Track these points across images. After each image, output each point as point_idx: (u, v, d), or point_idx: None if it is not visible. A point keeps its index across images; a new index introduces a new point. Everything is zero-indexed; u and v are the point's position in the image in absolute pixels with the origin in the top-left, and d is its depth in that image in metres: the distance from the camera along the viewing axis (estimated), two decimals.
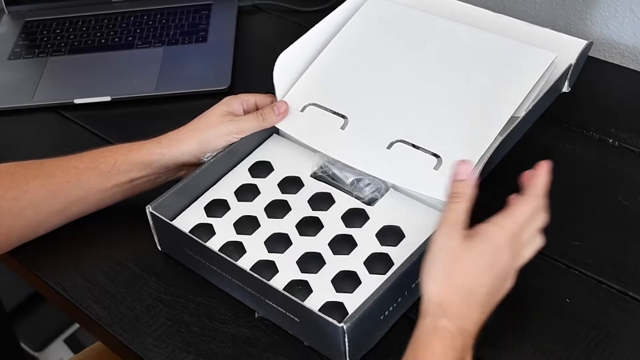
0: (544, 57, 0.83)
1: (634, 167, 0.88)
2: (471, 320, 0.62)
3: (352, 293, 0.73)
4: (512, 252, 0.64)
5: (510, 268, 0.65)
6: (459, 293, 0.62)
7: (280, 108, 0.87)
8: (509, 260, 0.64)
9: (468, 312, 0.62)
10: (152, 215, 0.78)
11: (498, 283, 0.64)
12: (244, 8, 1.23)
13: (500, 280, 0.64)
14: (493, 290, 0.64)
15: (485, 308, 0.64)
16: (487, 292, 0.63)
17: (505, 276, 0.64)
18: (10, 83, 1.12)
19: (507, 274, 0.64)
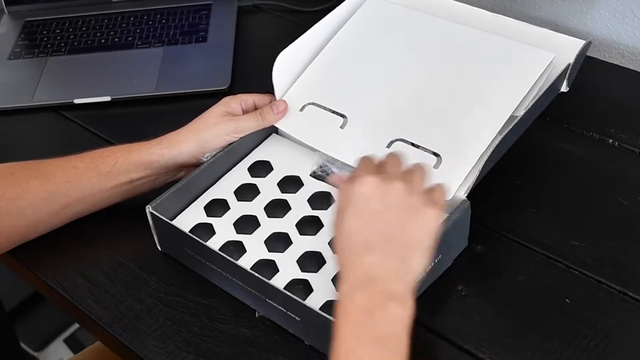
0: (542, 57, 0.83)
1: (633, 167, 0.88)
2: (374, 263, 0.62)
3: None
4: (384, 181, 0.65)
5: (374, 203, 0.65)
6: (353, 246, 0.64)
7: (279, 107, 0.87)
8: (387, 190, 0.65)
9: (367, 258, 0.62)
10: (152, 215, 0.78)
11: (392, 217, 0.64)
12: (244, 8, 1.23)
13: (393, 209, 0.64)
14: (387, 224, 0.64)
15: (390, 244, 0.63)
16: (377, 230, 0.64)
17: (375, 212, 0.64)
18: (10, 83, 1.12)
19: (374, 210, 0.65)
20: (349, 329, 0.59)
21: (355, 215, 0.65)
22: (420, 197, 0.65)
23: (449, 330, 0.73)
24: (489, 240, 0.81)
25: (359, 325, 0.59)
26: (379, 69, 0.88)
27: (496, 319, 0.74)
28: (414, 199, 0.65)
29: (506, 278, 0.77)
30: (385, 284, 0.61)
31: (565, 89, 0.88)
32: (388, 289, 0.61)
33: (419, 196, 0.65)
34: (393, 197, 0.65)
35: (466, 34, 0.88)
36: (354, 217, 0.65)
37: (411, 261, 0.63)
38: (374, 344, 0.58)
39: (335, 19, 0.94)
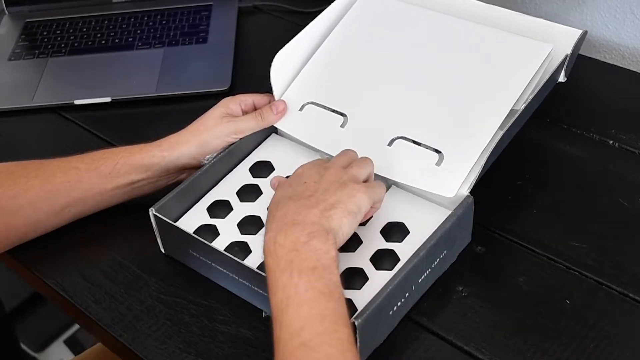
0: (540, 49, 0.83)
1: (634, 168, 0.88)
2: (284, 217, 0.67)
3: (360, 289, 0.73)
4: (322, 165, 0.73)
5: None
6: (277, 204, 0.70)
7: (279, 107, 0.87)
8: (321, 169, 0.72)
9: (288, 205, 0.68)
10: (156, 217, 0.78)
11: (317, 184, 0.70)
12: (244, 9, 1.23)
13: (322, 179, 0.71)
14: (311, 184, 0.70)
15: (301, 202, 0.68)
16: (302, 189, 0.70)
17: None
18: (11, 84, 1.12)
19: None
20: (279, 268, 0.63)
21: (287, 185, 0.72)
22: (353, 179, 0.71)
23: (450, 331, 0.73)
24: (490, 241, 0.81)
25: (287, 261, 0.63)
26: (377, 66, 0.88)
27: (496, 319, 0.74)
28: (345, 178, 0.71)
29: (506, 279, 0.77)
30: (306, 225, 0.66)
31: (563, 79, 0.88)
32: (309, 229, 0.65)
33: (351, 177, 0.71)
34: (326, 176, 0.71)
35: (463, 28, 0.88)
36: (286, 186, 0.72)
37: (332, 213, 0.67)
38: (305, 275, 0.62)
39: (331, 15, 0.94)
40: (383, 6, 0.93)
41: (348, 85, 0.88)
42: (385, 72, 0.87)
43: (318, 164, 0.74)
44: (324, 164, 0.74)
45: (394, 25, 0.91)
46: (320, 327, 0.60)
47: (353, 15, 0.93)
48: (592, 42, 1.12)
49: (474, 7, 0.92)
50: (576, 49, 0.86)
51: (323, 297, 0.62)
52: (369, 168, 0.75)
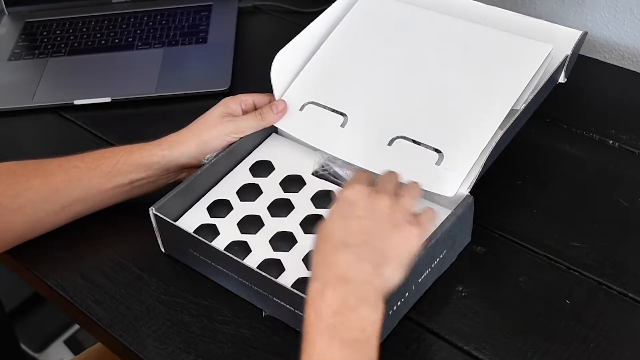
0: (540, 50, 0.83)
1: (633, 168, 0.88)
2: (349, 262, 0.62)
3: None
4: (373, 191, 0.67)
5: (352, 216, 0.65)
6: (329, 245, 0.64)
7: (279, 106, 0.87)
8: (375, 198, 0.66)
9: (342, 256, 0.62)
10: (156, 216, 0.78)
11: (372, 222, 0.65)
12: (244, 9, 1.23)
13: (377, 217, 0.65)
14: (368, 228, 0.64)
15: (367, 246, 0.63)
16: (357, 231, 0.64)
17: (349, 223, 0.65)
18: (11, 84, 1.12)
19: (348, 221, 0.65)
20: (320, 329, 0.59)
21: (338, 216, 0.66)
22: (405, 215, 0.66)
23: (450, 331, 0.73)
24: (490, 241, 0.81)
25: (330, 325, 0.59)
26: (377, 66, 0.88)
27: (496, 319, 0.74)
28: (398, 215, 0.66)
29: (506, 279, 0.77)
30: (358, 285, 0.61)
31: (563, 79, 0.88)
32: (360, 291, 0.61)
33: (404, 213, 0.66)
34: (378, 208, 0.66)
35: (463, 28, 0.88)
36: (337, 219, 0.66)
37: (385, 269, 0.63)
38: (345, 346, 0.58)
39: (331, 16, 0.94)
40: (383, 7, 0.93)
41: (348, 85, 0.88)
42: (386, 72, 0.87)
43: (368, 190, 0.67)
44: (374, 190, 0.67)
45: (395, 26, 0.91)
46: None
47: (353, 15, 0.93)
48: (592, 42, 1.12)
49: (475, 8, 0.92)
50: (576, 50, 0.87)
51: None
52: (418, 196, 0.70)
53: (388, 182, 0.70)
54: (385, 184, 0.69)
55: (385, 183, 0.70)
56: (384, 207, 0.66)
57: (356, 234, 0.64)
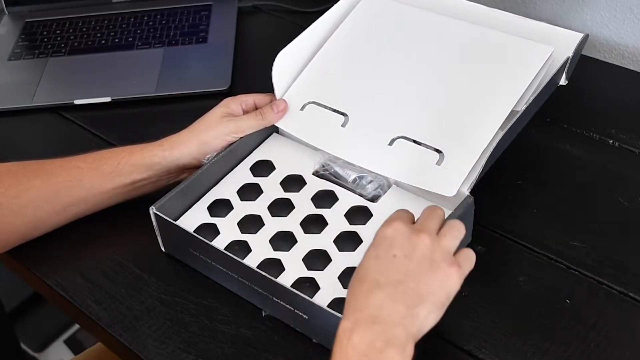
0: (541, 51, 0.83)
1: (634, 167, 0.88)
2: (380, 304, 0.60)
3: None
4: (411, 230, 0.64)
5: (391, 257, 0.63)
6: (362, 284, 0.62)
7: (279, 106, 0.87)
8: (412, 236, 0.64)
9: (374, 297, 0.61)
10: (156, 216, 0.78)
11: (407, 260, 0.62)
12: (244, 9, 1.23)
13: (412, 256, 0.63)
14: (401, 267, 0.62)
15: (400, 287, 0.61)
16: (390, 270, 0.62)
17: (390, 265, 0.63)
18: (11, 84, 1.12)
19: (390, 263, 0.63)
20: None
21: (375, 256, 0.64)
22: (445, 256, 0.64)
23: (450, 330, 0.73)
24: (490, 240, 0.81)
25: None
26: (379, 66, 0.88)
27: (496, 319, 0.74)
28: (437, 255, 0.63)
29: (506, 278, 0.77)
30: (387, 327, 0.59)
31: (564, 82, 0.88)
32: (389, 333, 0.59)
33: (443, 254, 0.64)
34: (417, 247, 0.63)
35: (464, 29, 0.88)
36: (374, 258, 0.63)
37: (420, 310, 0.61)
38: None
39: (333, 16, 0.94)
40: (385, 8, 0.93)
41: (349, 85, 0.88)
42: (387, 73, 0.88)
43: (407, 228, 0.65)
44: (414, 229, 0.65)
45: (396, 27, 0.91)
46: None
47: (355, 16, 0.94)
48: (592, 42, 1.12)
49: (476, 10, 0.92)
50: (577, 53, 0.87)
51: None
52: (461, 236, 0.66)
53: (430, 220, 0.66)
54: (426, 222, 0.66)
55: (427, 221, 0.66)
56: (423, 247, 0.63)
57: (391, 273, 0.62)
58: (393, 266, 0.62)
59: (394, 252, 0.63)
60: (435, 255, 0.63)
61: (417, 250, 0.63)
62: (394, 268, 0.62)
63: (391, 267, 0.62)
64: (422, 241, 0.64)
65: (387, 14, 0.93)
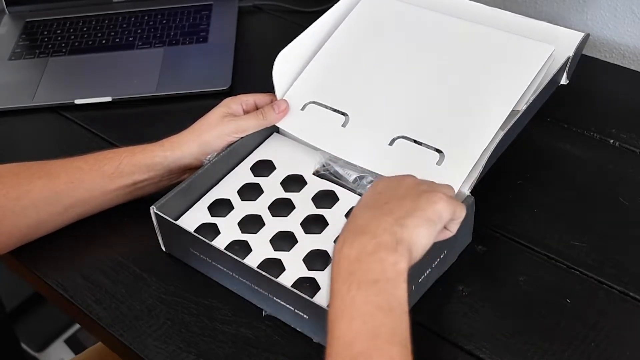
0: (542, 50, 0.83)
1: (634, 167, 0.88)
2: (368, 218, 0.63)
3: None
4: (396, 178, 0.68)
5: None
6: (352, 217, 0.65)
7: (281, 106, 0.87)
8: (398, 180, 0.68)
9: (362, 214, 0.64)
10: (157, 215, 0.79)
11: (393, 192, 0.66)
12: (245, 8, 1.23)
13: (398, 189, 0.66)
14: (388, 195, 0.65)
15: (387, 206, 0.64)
16: (378, 198, 0.66)
17: None
18: (11, 83, 1.12)
19: None
20: (340, 278, 0.60)
21: (363, 203, 0.66)
22: (430, 187, 0.67)
23: (450, 330, 0.73)
24: (490, 240, 0.81)
25: (349, 273, 0.60)
26: (379, 66, 0.88)
27: (497, 319, 0.74)
28: (423, 187, 0.66)
29: (507, 278, 0.77)
30: (377, 233, 0.61)
31: (564, 81, 0.88)
32: (378, 238, 0.61)
33: (430, 186, 0.67)
34: (404, 182, 0.67)
35: (465, 28, 0.88)
36: (363, 205, 0.66)
37: (407, 221, 0.62)
38: (365, 288, 0.59)
39: (333, 16, 0.94)
40: (385, 7, 0.93)
41: (350, 85, 0.88)
42: (387, 72, 0.88)
43: (394, 177, 0.69)
44: (401, 176, 0.69)
45: (396, 26, 0.91)
46: (371, 343, 0.57)
47: (355, 15, 0.93)
48: (593, 42, 1.12)
49: (476, 9, 0.92)
50: (578, 52, 0.87)
51: (380, 312, 0.58)
52: (451, 190, 0.70)
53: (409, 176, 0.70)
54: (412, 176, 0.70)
55: None
56: (409, 182, 0.67)
57: (377, 200, 0.65)
58: (379, 197, 0.66)
59: (379, 190, 0.67)
60: (422, 187, 0.66)
61: (403, 185, 0.67)
62: (379, 197, 0.66)
63: (378, 198, 0.66)
64: (407, 180, 0.68)
65: (387, 14, 0.93)
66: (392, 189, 0.66)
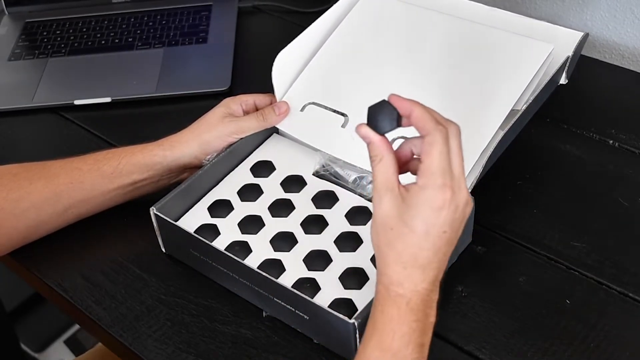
0: (541, 49, 0.83)
1: (633, 168, 0.88)
2: (423, 280, 0.61)
3: (360, 289, 0.73)
4: (445, 200, 0.60)
5: (452, 214, 0.61)
6: (400, 261, 0.61)
7: (281, 108, 0.87)
8: (447, 209, 0.61)
9: (417, 275, 0.61)
10: (157, 216, 0.78)
11: (442, 239, 0.61)
12: (244, 9, 1.23)
13: (443, 233, 0.61)
14: (438, 247, 0.61)
15: (436, 264, 0.62)
16: (432, 251, 0.61)
17: (449, 226, 0.61)
18: (11, 84, 1.12)
19: (451, 222, 0.61)
20: (402, 326, 0.61)
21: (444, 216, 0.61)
22: (459, 204, 0.62)
23: (450, 331, 0.73)
24: (490, 241, 0.81)
25: (412, 330, 0.61)
26: (378, 66, 0.88)
27: (497, 319, 0.74)
28: (459, 215, 0.62)
29: (507, 279, 0.77)
30: (431, 294, 0.63)
31: (564, 81, 0.88)
32: (431, 300, 0.63)
33: (457, 203, 0.62)
34: (457, 220, 0.62)
35: (465, 28, 0.88)
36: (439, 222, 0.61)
37: (440, 275, 0.64)
38: (415, 338, 0.61)
39: (332, 16, 0.94)
40: (384, 7, 0.93)
41: (349, 85, 0.88)
42: (386, 72, 0.87)
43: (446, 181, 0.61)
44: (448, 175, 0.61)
45: (395, 26, 0.91)
46: None
47: (354, 15, 0.93)
48: (592, 42, 1.12)
49: (476, 9, 0.92)
50: (578, 51, 0.87)
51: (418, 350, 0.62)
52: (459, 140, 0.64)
53: (438, 177, 0.61)
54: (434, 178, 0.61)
55: (435, 178, 0.61)
56: (458, 218, 0.62)
57: (435, 247, 0.61)
58: (438, 237, 0.61)
59: (443, 213, 0.61)
60: (456, 217, 0.62)
61: (455, 223, 0.62)
62: (439, 239, 0.61)
63: (437, 239, 0.61)
64: (460, 214, 0.62)
65: (386, 13, 0.93)
66: (450, 225, 0.61)
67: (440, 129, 0.62)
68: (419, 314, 0.61)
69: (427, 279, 0.62)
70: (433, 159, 0.61)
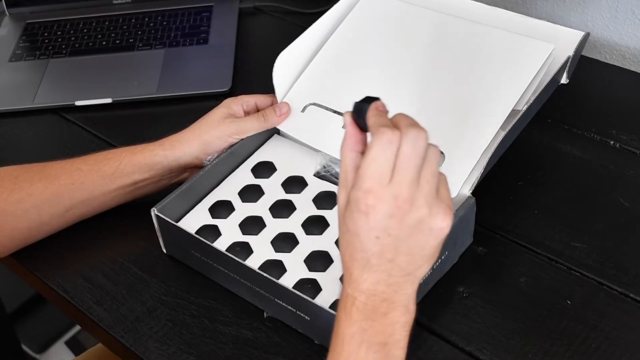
0: (542, 49, 0.83)
1: (634, 168, 0.88)
2: (365, 280, 0.58)
3: None
4: (368, 205, 0.57)
5: (386, 220, 0.57)
6: (344, 259, 0.60)
7: (282, 109, 0.87)
8: (375, 214, 0.57)
9: (357, 275, 0.58)
10: (158, 217, 0.79)
11: (376, 244, 0.58)
12: (245, 10, 1.23)
13: (376, 238, 0.57)
14: (375, 251, 0.58)
15: (383, 267, 0.58)
16: (369, 253, 0.58)
17: (383, 231, 0.57)
18: (12, 85, 1.12)
19: (386, 229, 0.57)
20: (351, 329, 0.59)
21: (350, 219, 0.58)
22: (432, 207, 0.58)
23: (451, 331, 0.73)
24: (490, 241, 0.81)
25: (362, 330, 0.58)
26: (379, 66, 0.88)
27: (497, 320, 0.74)
28: (423, 211, 0.57)
29: (507, 279, 0.77)
30: (391, 297, 0.59)
31: (565, 80, 0.88)
32: (391, 302, 0.59)
33: (429, 205, 0.58)
34: (403, 219, 0.57)
35: (465, 28, 0.88)
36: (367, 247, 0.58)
37: (417, 272, 0.59)
38: (374, 350, 0.58)
39: (333, 17, 0.94)
40: (385, 7, 0.93)
41: (350, 86, 0.88)
42: (387, 73, 0.87)
43: (383, 184, 0.57)
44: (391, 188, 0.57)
45: (396, 26, 0.91)
46: None
47: (355, 16, 0.93)
48: (593, 43, 1.12)
49: (477, 9, 0.92)
50: (578, 51, 0.87)
51: None
52: (438, 157, 0.61)
53: (408, 171, 0.57)
54: (404, 173, 0.57)
55: (405, 172, 0.57)
56: (408, 217, 0.57)
57: (380, 253, 0.58)
58: (379, 249, 0.58)
59: (376, 233, 0.57)
60: (422, 215, 0.57)
61: (402, 223, 0.57)
62: (380, 250, 0.58)
63: (378, 250, 0.58)
64: (402, 208, 0.57)
65: (387, 13, 0.93)
66: (390, 233, 0.57)
67: (383, 131, 0.58)
68: (370, 313, 0.58)
69: (371, 280, 0.58)
70: (364, 162, 0.58)
